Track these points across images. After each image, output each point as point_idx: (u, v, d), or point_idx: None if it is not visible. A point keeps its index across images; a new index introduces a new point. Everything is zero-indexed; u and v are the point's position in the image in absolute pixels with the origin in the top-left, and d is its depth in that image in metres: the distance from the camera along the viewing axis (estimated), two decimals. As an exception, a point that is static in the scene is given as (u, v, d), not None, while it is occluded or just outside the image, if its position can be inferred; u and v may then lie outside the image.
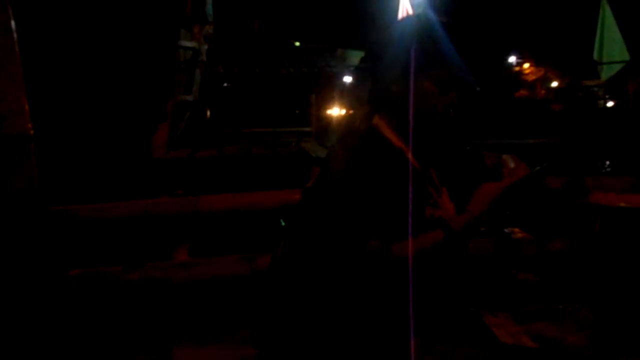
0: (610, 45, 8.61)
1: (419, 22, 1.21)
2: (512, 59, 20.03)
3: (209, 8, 7.87)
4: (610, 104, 11.88)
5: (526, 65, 20.18)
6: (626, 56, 8.63)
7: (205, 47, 8.12)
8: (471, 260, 2.00)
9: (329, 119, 10.42)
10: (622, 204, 1.71)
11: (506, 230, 2.88)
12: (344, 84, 11.82)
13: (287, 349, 1.25)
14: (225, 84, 12.39)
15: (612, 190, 2.06)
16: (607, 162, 8.31)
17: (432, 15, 1.21)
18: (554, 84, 17.67)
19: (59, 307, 1.82)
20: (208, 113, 10.18)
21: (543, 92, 17.57)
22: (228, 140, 8.30)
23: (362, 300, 1.17)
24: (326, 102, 10.62)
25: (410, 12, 8.09)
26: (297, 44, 13.16)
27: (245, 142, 8.03)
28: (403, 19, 1.30)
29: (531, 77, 19.67)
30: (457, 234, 1.15)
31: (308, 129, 9.70)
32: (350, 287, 1.17)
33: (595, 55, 8.90)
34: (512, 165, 1.32)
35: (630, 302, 1.57)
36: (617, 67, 8.90)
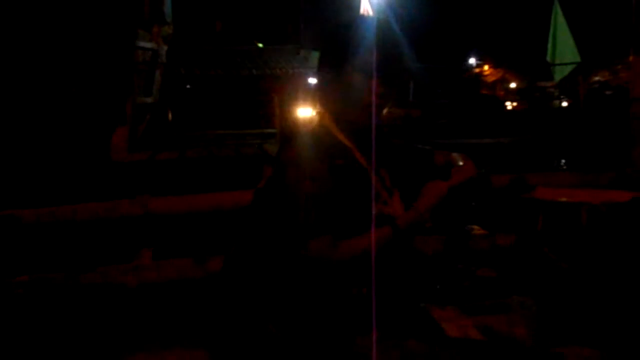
0: (562, 47, 8.93)
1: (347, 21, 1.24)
2: (472, 61, 20.54)
3: (168, 8, 7.75)
4: (564, 103, 12.32)
5: (486, 67, 20.71)
6: (577, 57, 8.97)
7: (165, 48, 7.98)
8: (424, 257, 2.04)
9: (293, 120, 10.40)
10: (563, 199, 1.78)
11: (466, 227, 2.94)
12: (307, 84, 11.83)
13: (238, 350, 1.25)
14: (187, 86, 12.21)
15: (558, 185, 2.14)
16: (563, 160, 8.60)
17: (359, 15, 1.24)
18: (512, 84, 18.19)
19: (3, 315, 1.76)
20: (170, 115, 10.01)
21: (502, 92, 18.06)
22: (190, 143, 8.19)
23: (309, 298, 1.19)
24: (290, 103, 10.61)
25: (370, 12, 8.17)
26: (260, 45, 13.08)
27: (208, 144, 7.95)
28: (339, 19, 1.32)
29: (491, 79, 20.21)
30: (403, 230, 1.18)
31: (272, 130, 9.67)
32: (298, 286, 1.18)
33: (549, 57, 9.22)
34: (460, 163, 1.36)
35: (570, 293, 1.63)
36: (569, 68, 9.25)
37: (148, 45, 7.56)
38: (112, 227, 2.09)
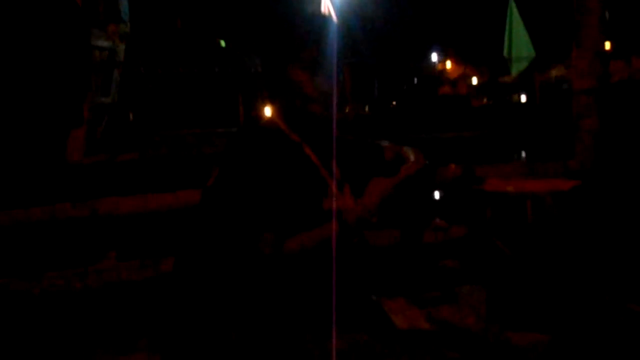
0: (518, 42, 9.19)
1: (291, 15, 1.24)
2: (435, 58, 20.84)
3: (124, 6, 7.56)
4: (523, 98, 12.65)
5: (448, 63, 21.05)
6: (532, 53, 9.25)
7: (123, 46, 7.80)
8: (378, 250, 2.06)
9: (257, 119, 10.31)
10: (509, 189, 1.83)
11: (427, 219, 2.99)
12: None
13: (189, 352, 1.23)
14: (149, 85, 11.97)
15: (507, 176, 2.19)
16: (523, 153, 8.84)
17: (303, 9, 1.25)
18: (474, 80, 18.55)
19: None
20: (130, 115, 9.80)
21: (465, 88, 18.40)
22: (152, 143, 8.03)
23: (259, 295, 1.18)
24: (254, 102, 10.54)
25: (332, 10, 8.19)
26: (223, 43, 12.95)
27: (170, 144, 7.81)
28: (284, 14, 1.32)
29: (453, 75, 20.54)
30: (350, 226, 1.18)
31: (236, 129, 9.59)
32: (247, 283, 1.18)
33: (505, 52, 9.46)
34: (411, 158, 1.37)
35: (517, 281, 1.68)
36: (525, 64, 9.51)
37: (105, 44, 7.37)
38: (64, 229, 2.03)
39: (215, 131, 9.92)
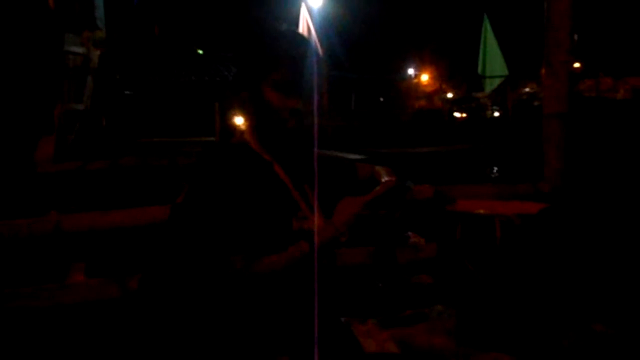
0: (492, 60, 9.42)
1: (262, 32, 1.24)
2: (411, 72, 21.17)
3: (100, 12, 7.47)
4: (496, 114, 12.92)
5: (424, 77, 21.39)
6: (505, 71, 9.49)
7: (98, 53, 7.68)
8: (347, 270, 2.06)
9: (233, 129, 10.28)
10: (481, 211, 1.86)
11: (404, 234, 3.00)
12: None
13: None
14: (125, 92, 11.80)
15: (478, 197, 2.22)
16: (495, 168, 9.00)
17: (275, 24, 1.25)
18: (449, 95, 18.88)
19: None
20: (104, 122, 9.64)
21: (440, 103, 18.71)
22: (125, 151, 7.90)
23: (227, 317, 1.16)
24: (231, 112, 10.49)
25: (311, 24, 8.23)
26: (200, 51, 12.88)
27: (143, 153, 7.69)
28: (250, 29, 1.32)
29: (429, 89, 20.88)
30: (319, 246, 1.17)
31: (211, 138, 9.52)
32: (215, 305, 1.15)
33: (480, 70, 9.68)
34: (384, 178, 1.37)
35: (485, 302, 1.70)
36: (498, 81, 9.75)
37: (78, 50, 7.25)
38: (32, 246, 1.97)
39: (189, 140, 9.83)
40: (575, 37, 2.31)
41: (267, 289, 1.16)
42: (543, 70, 2.32)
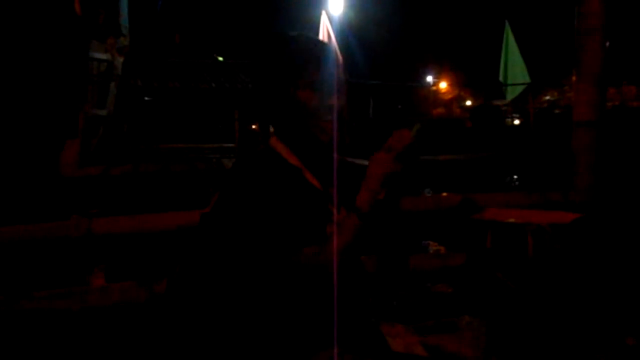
0: (514, 68, 9.31)
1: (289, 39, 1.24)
2: (430, 79, 21.10)
3: (125, 20, 7.60)
4: (517, 122, 12.78)
5: (443, 85, 21.28)
6: (527, 78, 9.38)
7: (121, 59, 7.81)
8: (377, 274, 2.04)
9: (253, 135, 10.34)
10: (511, 220, 1.83)
11: (423, 242, 2.97)
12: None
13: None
14: (145, 98, 11.97)
15: (506, 205, 2.19)
16: (515, 177, 8.88)
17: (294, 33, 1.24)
18: (468, 102, 18.76)
19: None
20: (125, 128, 9.77)
21: (458, 110, 18.59)
22: (146, 157, 7.99)
23: (287, 312, 1.15)
24: (250, 118, 10.55)
25: (331, 31, 8.25)
26: (220, 58, 13.02)
27: (164, 158, 7.78)
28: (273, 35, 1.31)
29: (447, 96, 20.76)
30: (366, 213, 1.14)
31: (231, 144, 9.57)
32: (279, 300, 1.15)
33: (501, 77, 9.59)
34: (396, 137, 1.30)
35: (517, 315, 1.66)
36: (520, 88, 9.63)
37: (103, 56, 7.38)
38: (56, 248, 1.99)
39: (209, 146, 9.91)
40: (607, 43, 2.26)
41: (328, 278, 1.14)
42: (574, 77, 2.28)
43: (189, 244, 1.25)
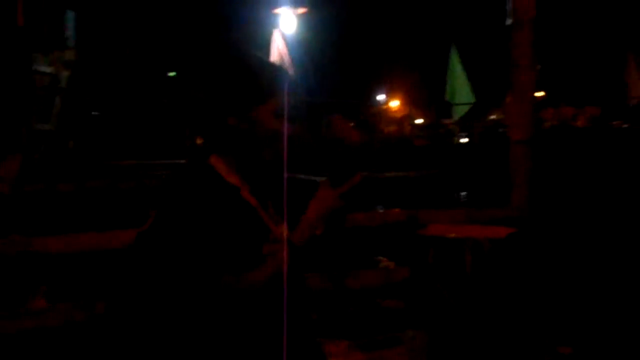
0: (460, 88, 9.70)
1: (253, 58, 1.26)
2: (381, 97, 21.57)
3: (71, 32, 7.40)
4: (463, 140, 13.22)
5: (394, 103, 21.80)
6: (472, 98, 9.78)
7: (67, 73, 7.58)
8: (321, 291, 2.06)
9: (198, 152, 10.15)
10: (451, 235, 1.90)
11: (374, 259, 3.02)
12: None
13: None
14: (93, 113, 11.62)
15: (448, 221, 2.27)
16: (463, 193, 9.15)
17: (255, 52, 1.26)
18: (418, 121, 19.25)
19: None
20: (71, 144, 9.43)
21: (409, 128, 19.04)
22: (93, 173, 7.73)
23: (209, 335, 1.14)
24: (200, 135, 10.38)
25: (285, 50, 8.34)
26: (172, 74, 12.84)
27: (111, 175, 7.55)
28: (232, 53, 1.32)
29: (399, 114, 21.25)
30: (298, 245, 1.16)
31: (182, 161, 9.40)
32: (203, 323, 1.14)
33: (447, 97, 9.95)
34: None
35: (458, 326, 1.72)
36: (466, 108, 10.02)
37: (47, 69, 7.14)
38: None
39: (159, 163, 9.67)
40: (538, 67, 2.43)
41: (252, 303, 1.15)
42: (508, 99, 2.41)
43: (125, 263, 1.23)
